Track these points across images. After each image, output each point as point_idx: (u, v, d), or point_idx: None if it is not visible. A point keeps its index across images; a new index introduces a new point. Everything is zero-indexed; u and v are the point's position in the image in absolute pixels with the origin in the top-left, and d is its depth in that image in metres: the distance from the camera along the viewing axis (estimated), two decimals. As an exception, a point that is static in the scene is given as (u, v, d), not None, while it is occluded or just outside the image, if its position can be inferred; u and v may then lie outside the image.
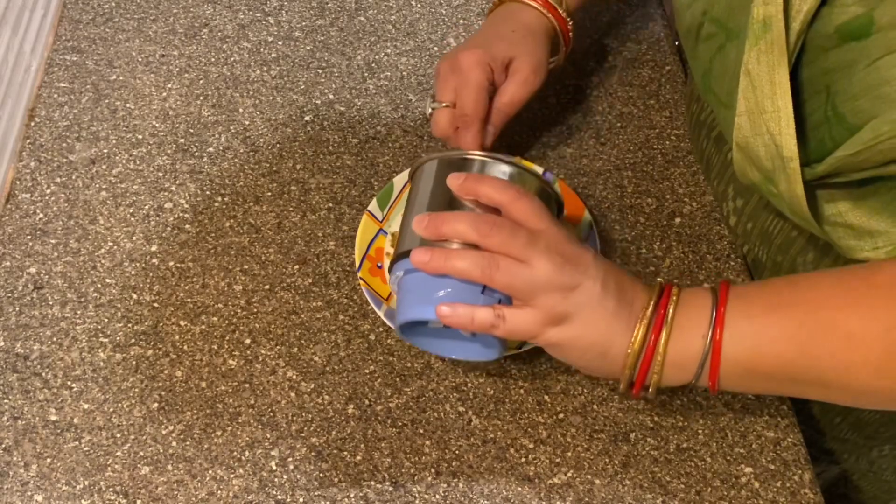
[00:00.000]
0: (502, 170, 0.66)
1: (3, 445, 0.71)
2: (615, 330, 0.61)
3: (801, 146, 0.59)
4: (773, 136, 0.59)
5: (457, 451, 0.70)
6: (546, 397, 0.73)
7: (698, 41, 0.70)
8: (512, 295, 0.61)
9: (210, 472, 0.70)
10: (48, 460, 0.70)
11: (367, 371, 0.75)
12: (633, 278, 0.63)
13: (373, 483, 0.69)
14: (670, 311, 0.60)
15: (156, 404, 0.73)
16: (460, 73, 0.77)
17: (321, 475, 0.69)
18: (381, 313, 0.75)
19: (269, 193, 0.86)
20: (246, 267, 0.81)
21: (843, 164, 0.58)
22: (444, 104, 0.78)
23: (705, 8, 0.68)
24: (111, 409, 0.73)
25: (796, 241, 0.73)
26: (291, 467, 0.70)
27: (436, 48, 0.97)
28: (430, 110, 0.79)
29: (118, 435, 0.71)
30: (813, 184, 0.62)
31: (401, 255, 0.66)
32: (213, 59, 0.96)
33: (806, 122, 0.61)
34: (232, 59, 0.96)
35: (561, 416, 0.72)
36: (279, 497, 0.68)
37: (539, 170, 0.81)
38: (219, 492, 0.69)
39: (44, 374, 0.74)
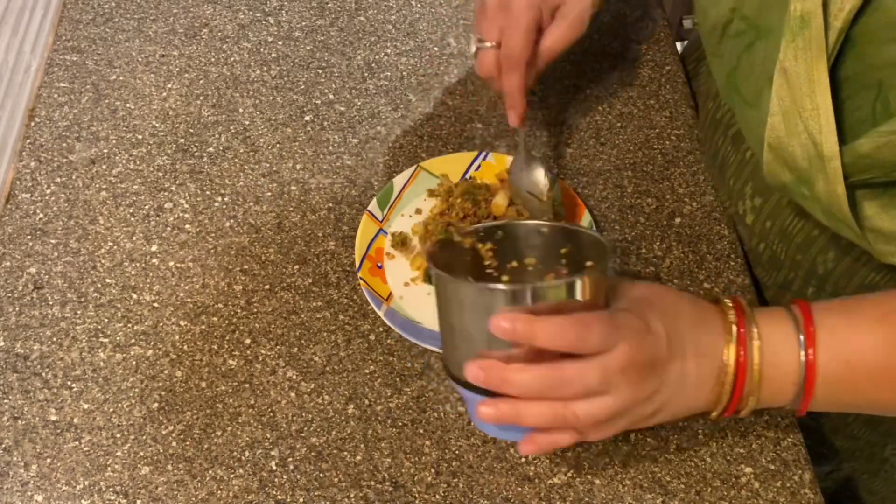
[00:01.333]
0: (553, 292, 0.56)
1: (3, 445, 0.71)
2: (703, 390, 0.61)
3: (840, 145, 0.58)
4: (812, 134, 0.58)
5: (457, 451, 0.70)
6: (546, 397, 0.73)
7: (724, 38, 0.69)
8: (597, 426, 0.59)
9: (210, 472, 0.70)
10: (48, 460, 0.70)
11: (367, 371, 0.75)
12: (702, 312, 0.61)
13: (373, 483, 0.69)
14: (754, 330, 0.60)
15: (156, 404, 0.73)
16: (510, 13, 0.73)
17: (321, 475, 0.69)
18: (381, 313, 0.75)
19: (269, 193, 0.86)
20: (246, 267, 0.81)
21: (882, 148, 0.56)
22: (489, 44, 0.74)
23: (734, 5, 0.67)
24: (111, 409, 0.73)
25: (817, 240, 0.73)
26: (291, 467, 0.70)
27: (436, 48, 0.97)
28: (474, 48, 0.76)
29: (118, 435, 0.71)
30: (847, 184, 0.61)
31: (456, 371, 0.60)
32: (213, 59, 0.96)
33: (845, 121, 0.59)
34: (232, 59, 0.96)
35: (561, 416, 0.72)
36: (279, 497, 0.68)
37: (583, 225, 0.73)
38: (219, 492, 0.69)
39: (44, 374, 0.74)
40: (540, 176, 0.78)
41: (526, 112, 0.77)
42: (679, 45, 1.01)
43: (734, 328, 0.60)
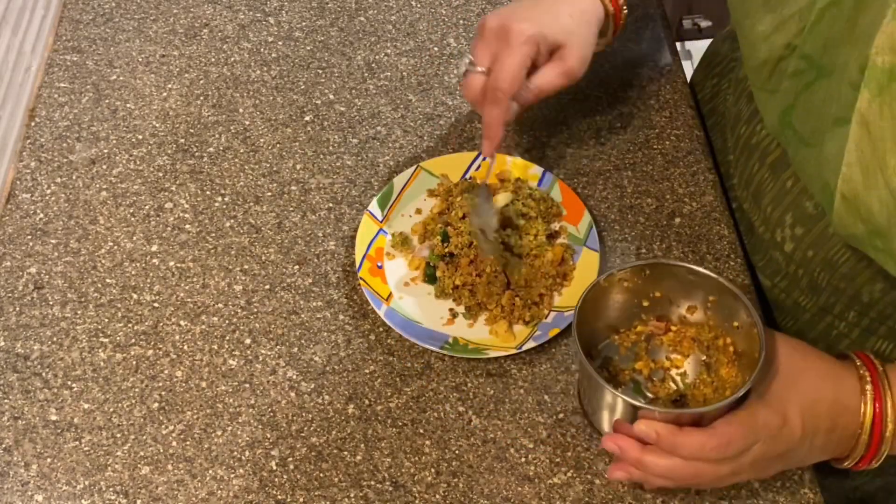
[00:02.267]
0: (708, 415, 0.63)
1: (4, 445, 0.71)
2: (827, 451, 0.65)
3: None
4: (895, 191, 0.56)
5: (457, 451, 0.71)
6: (546, 397, 0.73)
7: (776, 74, 0.68)
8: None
9: (210, 471, 0.70)
10: (48, 460, 0.70)
11: (367, 371, 0.75)
12: (838, 380, 0.65)
13: (373, 483, 0.69)
14: (887, 386, 0.63)
15: (156, 404, 0.73)
16: (507, 43, 0.72)
17: (321, 475, 0.69)
18: (381, 313, 0.75)
19: (270, 193, 0.86)
20: (246, 267, 0.81)
21: None
22: (479, 69, 0.74)
23: (789, 41, 0.66)
24: (111, 409, 0.73)
25: (865, 272, 0.71)
26: (291, 467, 0.70)
27: (436, 48, 0.97)
28: (463, 69, 0.75)
29: (118, 435, 0.71)
30: None
31: (588, 410, 0.70)
32: (213, 60, 0.96)
33: None
34: (232, 59, 0.96)
35: (561, 415, 0.72)
36: (279, 497, 0.68)
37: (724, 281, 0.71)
38: (219, 491, 0.69)
39: (44, 374, 0.74)
40: (490, 213, 0.77)
41: (500, 144, 0.76)
42: (679, 46, 1.00)
43: (868, 386, 0.63)
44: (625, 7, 0.80)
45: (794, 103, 0.66)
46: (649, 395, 0.71)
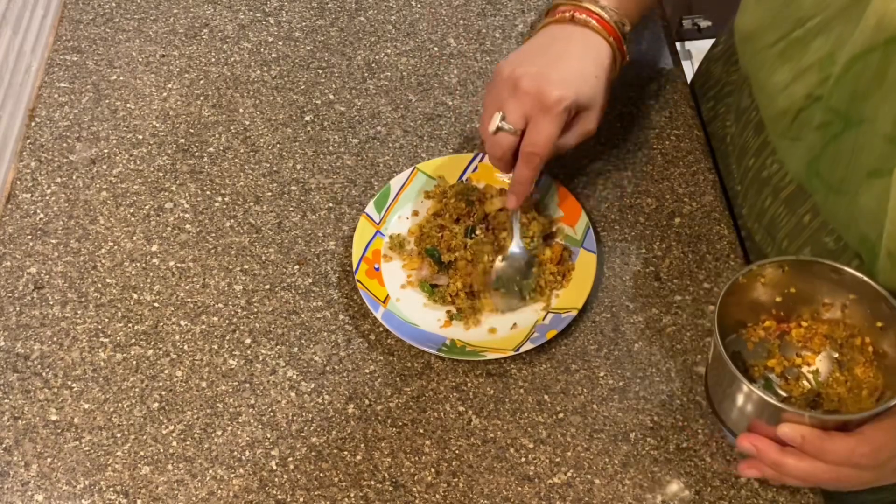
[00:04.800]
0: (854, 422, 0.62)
1: (4, 445, 0.71)
2: None
3: None
4: None
5: (457, 451, 0.71)
6: (546, 397, 0.73)
7: (797, 124, 0.68)
8: None
9: (210, 471, 0.70)
10: (48, 460, 0.70)
11: (367, 371, 0.75)
12: None
13: (373, 483, 0.69)
14: None
15: (156, 404, 0.73)
16: (546, 110, 0.71)
17: (321, 475, 0.69)
18: (378, 316, 0.75)
19: (270, 193, 0.86)
20: (246, 267, 0.81)
21: None
22: (512, 128, 0.72)
23: (810, 91, 0.65)
24: (111, 409, 0.73)
25: None
26: (292, 467, 0.70)
27: (436, 48, 0.97)
28: (495, 127, 0.73)
29: (118, 435, 0.71)
30: None
31: (717, 408, 0.69)
32: (213, 59, 0.96)
33: None
34: (232, 59, 0.96)
35: (561, 415, 0.72)
36: (279, 497, 0.68)
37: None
38: (219, 491, 0.69)
39: (44, 374, 0.74)
40: (529, 270, 0.77)
41: (524, 200, 0.77)
42: (679, 46, 1.00)
43: None
44: (626, 56, 0.79)
45: (820, 154, 0.66)
46: (782, 392, 0.69)
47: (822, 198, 0.69)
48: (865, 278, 0.65)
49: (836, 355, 0.70)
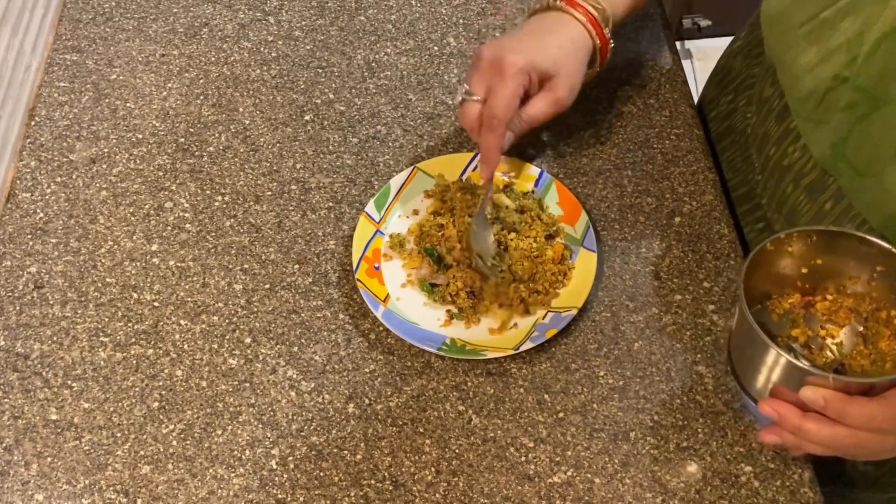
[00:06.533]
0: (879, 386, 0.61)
1: (4, 444, 0.71)
2: None
3: None
4: None
5: (457, 451, 0.71)
6: (546, 396, 0.73)
7: (823, 106, 0.68)
8: None
9: (210, 471, 0.70)
10: (49, 459, 0.70)
11: (367, 370, 0.75)
12: None
13: (373, 482, 0.69)
14: None
15: (156, 403, 0.73)
16: (501, 74, 0.76)
17: (321, 474, 0.70)
18: (378, 315, 0.75)
19: (270, 193, 0.86)
20: (246, 266, 0.81)
21: None
22: (475, 98, 0.78)
23: (837, 72, 0.65)
24: (111, 409, 0.73)
25: None
26: (292, 466, 0.70)
27: (436, 48, 0.97)
28: (460, 98, 0.79)
29: (118, 434, 0.71)
30: None
31: (741, 376, 0.69)
32: (213, 59, 0.96)
33: None
34: (232, 58, 0.96)
35: (561, 415, 0.72)
36: (279, 496, 0.68)
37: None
38: (219, 491, 0.69)
39: (44, 374, 0.74)
40: (489, 240, 0.78)
41: (496, 169, 0.79)
42: (679, 45, 1.00)
43: None
44: (611, 41, 0.82)
45: (847, 136, 0.66)
46: (805, 363, 0.68)
47: (847, 181, 0.69)
48: (895, 249, 0.65)
49: (861, 329, 0.70)
